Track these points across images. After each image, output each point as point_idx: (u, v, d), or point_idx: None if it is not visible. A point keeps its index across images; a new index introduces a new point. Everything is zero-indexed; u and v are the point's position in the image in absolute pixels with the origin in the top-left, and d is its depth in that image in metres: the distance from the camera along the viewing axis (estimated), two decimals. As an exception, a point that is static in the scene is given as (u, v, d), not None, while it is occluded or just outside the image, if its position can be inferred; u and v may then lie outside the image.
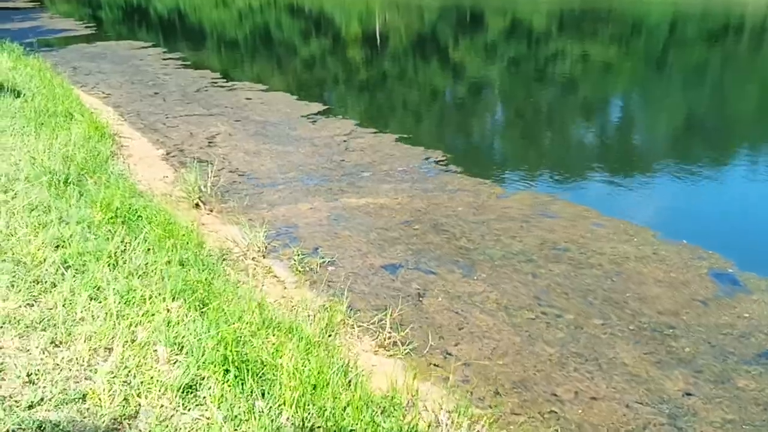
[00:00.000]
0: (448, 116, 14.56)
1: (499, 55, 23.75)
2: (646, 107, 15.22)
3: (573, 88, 18.00)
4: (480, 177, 9.34)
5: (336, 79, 19.18)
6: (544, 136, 12.54)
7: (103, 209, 6.08)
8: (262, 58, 24.12)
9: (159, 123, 12.65)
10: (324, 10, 44.29)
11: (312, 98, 15.17)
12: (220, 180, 8.75)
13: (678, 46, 25.04)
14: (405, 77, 19.75)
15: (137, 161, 9.83)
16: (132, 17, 45.01)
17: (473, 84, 18.45)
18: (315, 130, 12.12)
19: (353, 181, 9.22)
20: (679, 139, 12.31)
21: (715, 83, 17.82)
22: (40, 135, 8.53)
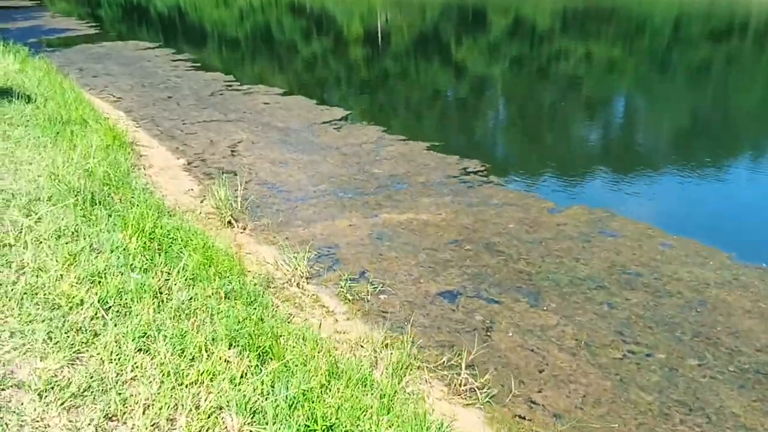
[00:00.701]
0: (477, 122, 13.99)
1: (519, 58, 23.17)
2: (688, 112, 14.66)
3: (597, 89, 17.43)
4: (525, 189, 8.77)
5: (353, 83, 18.60)
6: (586, 144, 11.97)
7: (136, 233, 5.50)
8: (273, 60, 23.54)
9: (176, 129, 12.07)
10: (325, 8, 43.69)
11: (331, 102, 14.63)
12: (249, 194, 8.15)
13: (683, 45, 24.44)
14: (421, 80, 19.19)
15: (158, 172, 9.25)
16: (132, 15, 44.48)
17: (499, 89, 17.87)
18: (340, 137, 11.54)
19: (390, 194, 8.64)
20: (736, 148, 11.72)
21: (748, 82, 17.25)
22: (56, 146, 7.95)
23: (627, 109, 15.29)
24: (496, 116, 14.60)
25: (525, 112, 14.90)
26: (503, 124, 13.78)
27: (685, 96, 16.64)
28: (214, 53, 24.84)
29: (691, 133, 12.72)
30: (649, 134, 12.86)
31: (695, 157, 10.72)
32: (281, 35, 31.76)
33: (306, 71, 21.07)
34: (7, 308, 3.64)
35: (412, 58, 22.95)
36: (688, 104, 15.66)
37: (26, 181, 6.11)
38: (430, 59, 22.77)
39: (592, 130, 13.22)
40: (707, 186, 9.14)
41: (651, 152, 11.11)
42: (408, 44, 26.48)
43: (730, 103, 15.82)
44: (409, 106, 15.73)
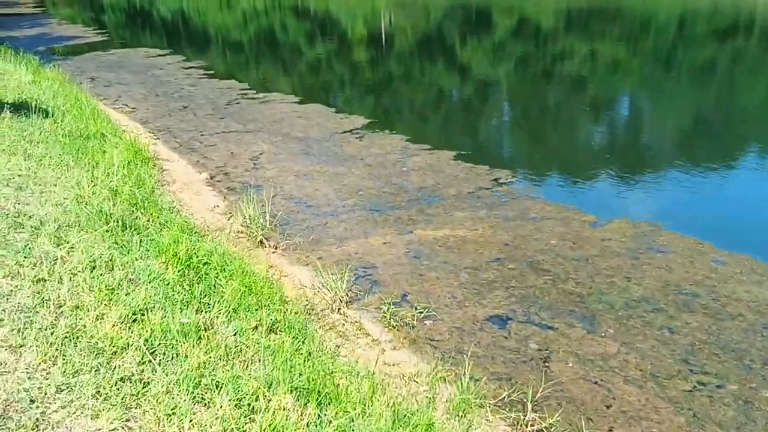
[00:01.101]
0: (501, 129, 13.69)
1: (530, 59, 22.85)
2: (713, 111, 14.33)
3: (613, 91, 17.11)
4: (562, 201, 8.47)
5: (369, 90, 18.33)
6: (617, 151, 11.65)
7: (171, 260, 5.22)
8: (284, 66, 23.30)
9: (195, 141, 11.82)
10: (329, 10, 43.43)
11: (350, 110, 14.35)
12: (276, 209, 7.87)
13: (687, 44, 24.12)
14: (436, 85, 18.92)
15: (182, 188, 8.99)
16: (135, 20, 44.34)
17: (514, 94, 17.56)
18: (363, 147, 11.26)
19: (422, 208, 8.35)
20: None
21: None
22: (78, 163, 7.70)
23: (650, 112, 14.95)
24: (517, 122, 14.30)
25: (547, 118, 14.60)
26: (527, 131, 13.47)
27: (705, 95, 16.30)
28: (225, 60, 24.61)
29: (727, 137, 12.38)
30: (680, 140, 12.53)
31: (735, 165, 10.40)
32: (287, 38, 31.55)
33: (319, 78, 20.82)
34: (50, 357, 3.37)
35: (420, 61, 22.67)
36: (709, 103, 15.32)
37: (53, 205, 5.85)
38: (437, 62, 22.48)
39: (619, 136, 12.92)
40: (754, 196, 8.82)
41: (687, 159, 10.78)
42: (413, 46, 26.18)
43: (754, 102, 15.48)
44: (430, 113, 15.46)
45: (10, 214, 5.25)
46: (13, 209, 5.43)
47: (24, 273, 4.26)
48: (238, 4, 50.39)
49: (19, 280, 4.18)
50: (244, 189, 9.29)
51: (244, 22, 40.94)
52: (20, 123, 8.73)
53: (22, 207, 5.52)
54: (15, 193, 5.85)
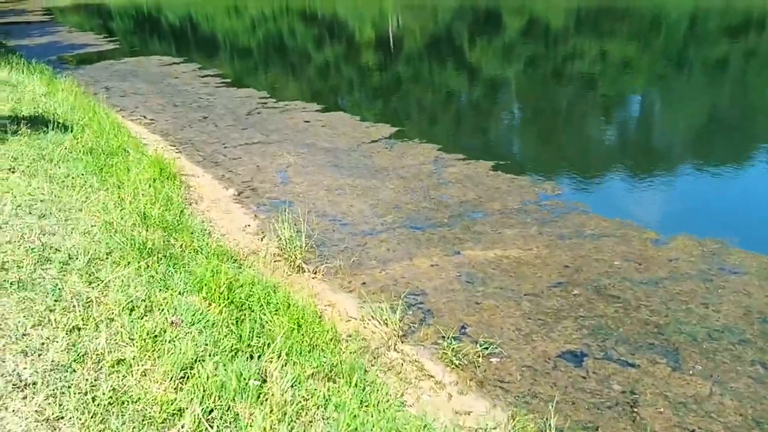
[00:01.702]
0: (535, 136, 13.15)
1: (551, 62, 22.29)
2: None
3: (645, 93, 16.54)
4: (617, 215, 7.94)
5: (393, 96, 17.84)
6: (669, 159, 11.07)
7: (213, 296, 4.73)
8: (300, 73, 22.86)
9: (218, 154, 11.36)
10: (337, 14, 42.98)
11: (375, 118, 13.84)
12: (310, 228, 7.38)
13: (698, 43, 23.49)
14: (464, 91, 18.39)
15: (210, 206, 8.51)
16: (144, 27, 44.15)
17: (544, 100, 17.00)
18: (394, 158, 10.76)
19: (467, 225, 7.84)
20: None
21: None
22: (103, 183, 7.24)
23: (690, 115, 14.33)
24: (552, 128, 13.74)
25: (584, 124, 14.05)
26: (564, 138, 12.91)
27: (737, 95, 15.71)
28: (241, 68, 24.19)
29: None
30: (733, 148, 11.93)
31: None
32: (296, 43, 31.11)
33: (338, 85, 20.39)
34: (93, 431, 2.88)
35: (435, 65, 22.14)
36: (750, 106, 14.73)
37: (80, 234, 5.38)
38: (452, 66, 21.97)
39: (665, 142, 12.33)
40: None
41: (740, 168, 10.20)
42: (424, 49, 25.65)
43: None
44: (458, 120, 14.96)
45: (35, 247, 4.78)
46: (38, 241, 4.97)
47: (56, 320, 3.79)
48: (246, 10, 50.07)
49: (51, 329, 3.70)
50: (274, 206, 8.82)
51: (253, 28, 40.59)
52: (38, 140, 8.29)
53: (47, 238, 5.05)
54: (39, 221, 5.38)
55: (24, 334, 3.63)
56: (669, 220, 7.92)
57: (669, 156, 11.20)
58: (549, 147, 12.03)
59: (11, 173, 6.69)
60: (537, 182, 9.28)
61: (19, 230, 5.13)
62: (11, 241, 4.87)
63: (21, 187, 6.27)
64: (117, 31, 39.79)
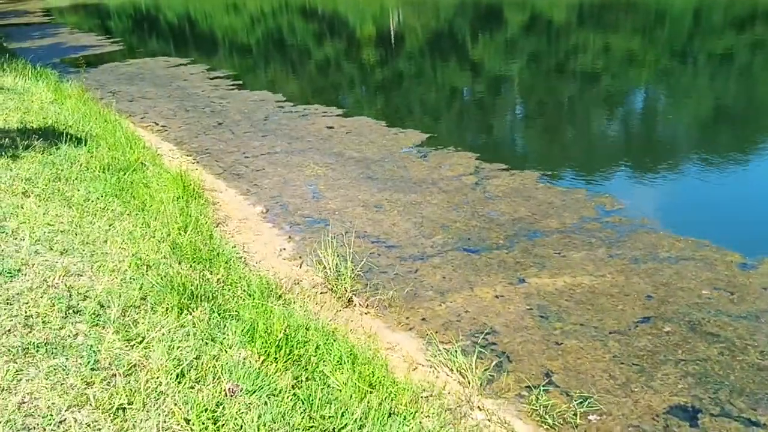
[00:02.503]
0: (580, 141, 12.42)
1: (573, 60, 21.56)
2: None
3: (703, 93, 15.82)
4: (690, 234, 7.26)
5: (416, 100, 17.09)
6: (751, 168, 10.31)
7: (268, 348, 4.06)
8: (313, 74, 22.15)
9: (240, 165, 10.68)
10: (337, 11, 42.23)
11: (401, 124, 13.16)
12: (353, 252, 6.68)
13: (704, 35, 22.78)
14: (492, 93, 17.64)
15: (239, 227, 7.84)
16: (142, 26, 43.55)
17: (581, 101, 16.29)
18: (431, 168, 10.08)
19: (527, 248, 7.15)
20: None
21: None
22: (125, 207, 6.56)
23: (751, 117, 13.61)
24: (594, 133, 13.03)
25: (629, 128, 13.34)
26: (608, 143, 12.20)
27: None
28: (249, 68, 23.54)
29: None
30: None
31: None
32: (300, 41, 30.40)
33: (354, 87, 19.68)
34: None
35: (445, 66, 21.43)
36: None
37: (109, 274, 4.70)
38: (473, 67, 21.27)
39: (745, 148, 11.60)
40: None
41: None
42: (430, 47, 24.94)
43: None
44: (490, 125, 14.23)
45: (61, 294, 4.10)
46: (63, 285, 4.30)
47: (96, 398, 3.13)
48: (244, 7, 49.36)
49: (91, 411, 3.04)
50: (308, 225, 8.15)
51: (252, 25, 39.89)
52: (51, 156, 7.63)
53: (73, 281, 4.38)
54: (61, 259, 4.71)
55: (60, 420, 2.95)
56: (750, 238, 7.22)
57: (742, 164, 10.43)
58: (595, 153, 11.32)
59: (26, 198, 6.01)
60: (592, 195, 8.59)
61: (41, 272, 4.46)
62: (33, 287, 4.20)
63: (38, 215, 5.60)
64: (116, 30, 39.16)
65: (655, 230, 7.47)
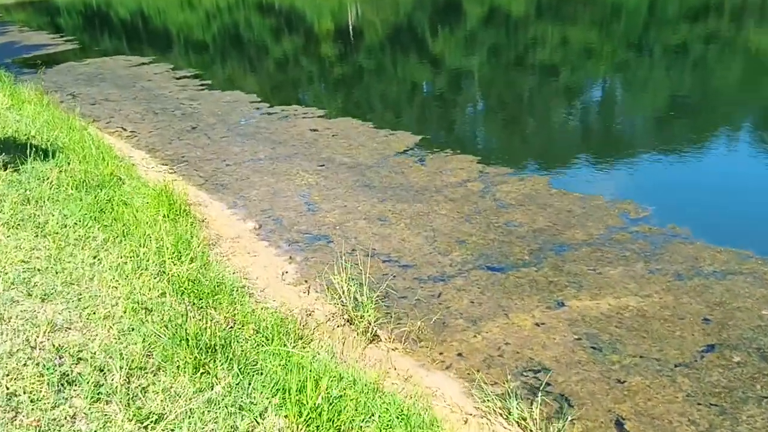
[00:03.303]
0: (587, 139, 11.86)
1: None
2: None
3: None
4: (729, 244, 6.74)
5: (396, 96, 16.41)
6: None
7: (303, 411, 3.34)
8: (283, 73, 21.29)
9: (222, 174, 9.88)
10: (294, 6, 41.25)
11: (389, 125, 12.49)
12: (362, 272, 5.96)
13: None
14: (480, 89, 17.02)
15: (233, 247, 7.07)
16: (93, 23, 42.09)
17: (594, 95, 15.76)
18: (432, 174, 9.43)
19: (556, 264, 6.53)
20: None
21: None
22: (107, 231, 5.73)
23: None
24: (601, 130, 12.48)
25: (639, 124, 12.81)
26: (618, 142, 11.65)
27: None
28: (219, 68, 22.53)
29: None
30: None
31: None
32: (253, 36, 29.46)
33: (332, 86, 18.88)
34: None
35: (410, 63, 20.81)
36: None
37: (103, 323, 3.94)
38: (438, 65, 20.66)
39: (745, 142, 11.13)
40: None
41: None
42: (389, 41, 24.30)
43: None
44: (485, 125, 13.60)
45: (50, 359, 3.31)
46: (51, 345, 3.53)
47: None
48: (200, 3, 48.04)
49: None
50: (308, 243, 7.42)
51: (208, 21, 38.73)
52: (17, 173, 6.73)
53: (62, 338, 3.63)
54: (44, 307, 3.92)
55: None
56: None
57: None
58: (605, 152, 10.72)
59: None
60: (612, 201, 8.02)
61: (22, 329, 3.67)
62: (14, 351, 3.42)
63: (9, 249, 4.77)
64: (67, 28, 37.75)
65: (689, 240, 6.91)
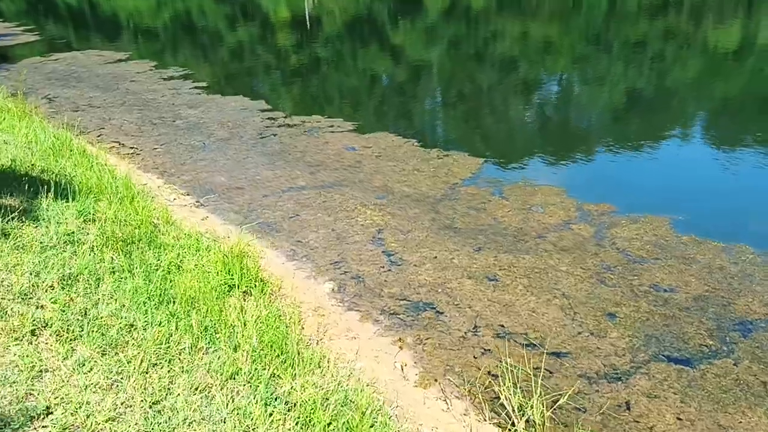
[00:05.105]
0: (717, 172, 10.43)
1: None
2: None
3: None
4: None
5: (427, 105, 14.83)
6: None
7: None
8: (284, 73, 19.54)
9: (264, 209, 8.35)
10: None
11: (436, 142, 11.11)
12: (515, 370, 4.46)
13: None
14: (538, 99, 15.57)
15: (320, 324, 5.49)
16: (37, 8, 39.62)
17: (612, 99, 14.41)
18: (520, 211, 8.11)
19: (755, 354, 5.19)
20: None
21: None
22: (195, 341, 4.06)
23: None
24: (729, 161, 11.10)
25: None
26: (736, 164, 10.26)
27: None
28: (207, 65, 20.59)
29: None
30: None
31: None
32: (206, 24, 27.60)
33: (347, 90, 17.19)
34: None
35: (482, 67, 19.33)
36: None
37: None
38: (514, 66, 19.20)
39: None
40: None
41: None
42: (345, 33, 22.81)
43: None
44: (565, 143, 12.08)
45: None
46: None
47: None
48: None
49: None
50: (411, 314, 5.95)
51: (158, 7, 36.49)
52: (35, 225, 5.00)
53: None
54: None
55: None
56: None
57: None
58: (732, 187, 9.30)
59: (36, 338, 3.45)
60: (764, 252, 6.59)
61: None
62: None
63: (71, 387, 3.06)
64: (8, 12, 35.38)
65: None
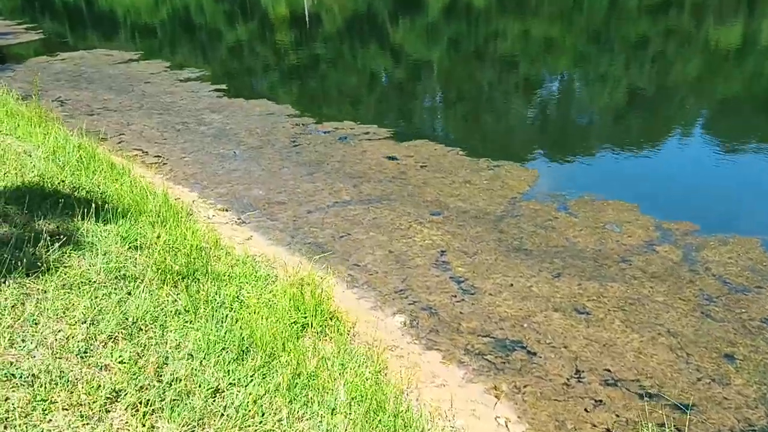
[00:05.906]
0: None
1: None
2: None
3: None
4: None
5: (489, 111, 14.12)
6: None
7: None
8: (304, 75, 18.83)
9: (311, 228, 7.72)
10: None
11: (484, 150, 10.38)
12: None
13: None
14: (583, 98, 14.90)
15: (402, 366, 4.77)
16: (33, 4, 38.95)
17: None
18: (595, 230, 7.46)
19: None
20: None
21: None
22: (291, 410, 3.40)
23: None
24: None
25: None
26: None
27: None
28: (223, 65, 19.91)
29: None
30: None
31: None
32: (204, 21, 26.92)
33: (377, 93, 16.53)
34: None
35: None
36: None
37: None
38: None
39: None
40: None
41: None
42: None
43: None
44: (628, 150, 11.40)
45: None
46: None
47: None
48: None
49: None
50: (501, 355, 5.32)
51: (156, 4, 35.86)
52: (75, 254, 4.31)
53: None
54: None
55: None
56: None
57: None
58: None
59: (108, 413, 2.78)
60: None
61: None
62: None
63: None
64: (3, 9, 34.75)
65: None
